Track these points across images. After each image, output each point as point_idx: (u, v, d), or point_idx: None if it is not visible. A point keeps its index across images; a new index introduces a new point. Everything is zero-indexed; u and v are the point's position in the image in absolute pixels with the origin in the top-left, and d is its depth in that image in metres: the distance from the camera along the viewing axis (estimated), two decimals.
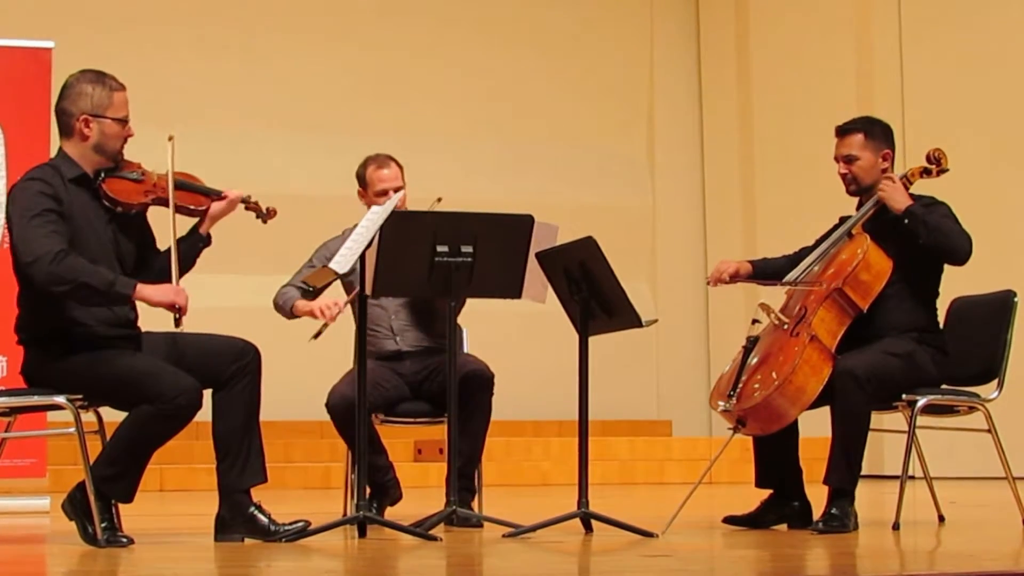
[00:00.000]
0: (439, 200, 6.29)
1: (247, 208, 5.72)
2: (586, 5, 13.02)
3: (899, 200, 6.05)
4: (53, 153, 5.61)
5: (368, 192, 6.59)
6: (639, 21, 13.17)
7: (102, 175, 5.46)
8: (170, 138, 5.51)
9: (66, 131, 5.47)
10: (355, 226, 6.53)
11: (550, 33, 12.83)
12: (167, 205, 5.50)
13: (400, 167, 6.63)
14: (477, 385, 6.35)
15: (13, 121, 7.63)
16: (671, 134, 13.22)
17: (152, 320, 5.62)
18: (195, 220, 5.65)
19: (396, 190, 6.49)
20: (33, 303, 5.39)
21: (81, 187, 5.43)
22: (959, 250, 5.99)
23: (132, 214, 5.52)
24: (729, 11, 12.99)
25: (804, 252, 6.31)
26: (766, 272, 6.38)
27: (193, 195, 5.60)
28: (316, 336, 6.25)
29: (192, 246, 5.62)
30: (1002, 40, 10.83)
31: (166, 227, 5.52)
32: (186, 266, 5.59)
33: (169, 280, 5.42)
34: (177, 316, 5.31)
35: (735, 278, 6.34)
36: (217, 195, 5.62)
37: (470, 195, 7.29)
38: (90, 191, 5.45)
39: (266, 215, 5.77)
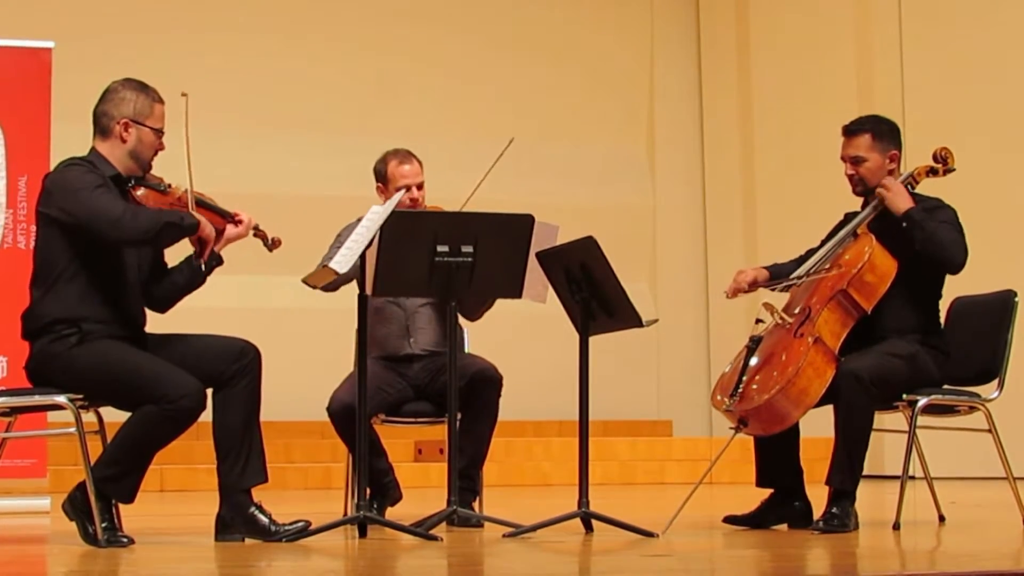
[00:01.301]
0: (511, 141, 6.30)
1: (255, 235, 5.80)
2: (586, 5, 13.02)
3: (900, 203, 6.02)
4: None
5: (389, 188, 6.55)
6: (639, 21, 13.17)
7: (131, 182, 5.54)
8: (183, 94, 5.59)
9: (103, 132, 5.55)
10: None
11: (550, 33, 12.82)
12: None
13: (420, 163, 6.60)
14: (485, 385, 6.33)
15: (13, 121, 7.63)
16: (671, 134, 13.21)
17: (154, 322, 5.64)
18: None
19: (419, 186, 6.50)
20: (50, 288, 5.40)
21: (115, 186, 5.49)
22: (951, 260, 5.97)
23: None
24: (729, 11, 12.98)
25: (810, 254, 6.29)
26: (779, 276, 6.34)
27: (211, 214, 5.68)
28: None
29: (206, 263, 5.66)
30: (1002, 40, 10.83)
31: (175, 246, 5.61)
32: (197, 283, 5.69)
33: (171, 304, 5.70)
34: (199, 249, 5.54)
35: (754, 286, 6.28)
36: (231, 218, 5.68)
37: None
38: (120, 193, 5.51)
39: (272, 244, 5.84)
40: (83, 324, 5.39)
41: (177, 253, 5.67)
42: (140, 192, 5.54)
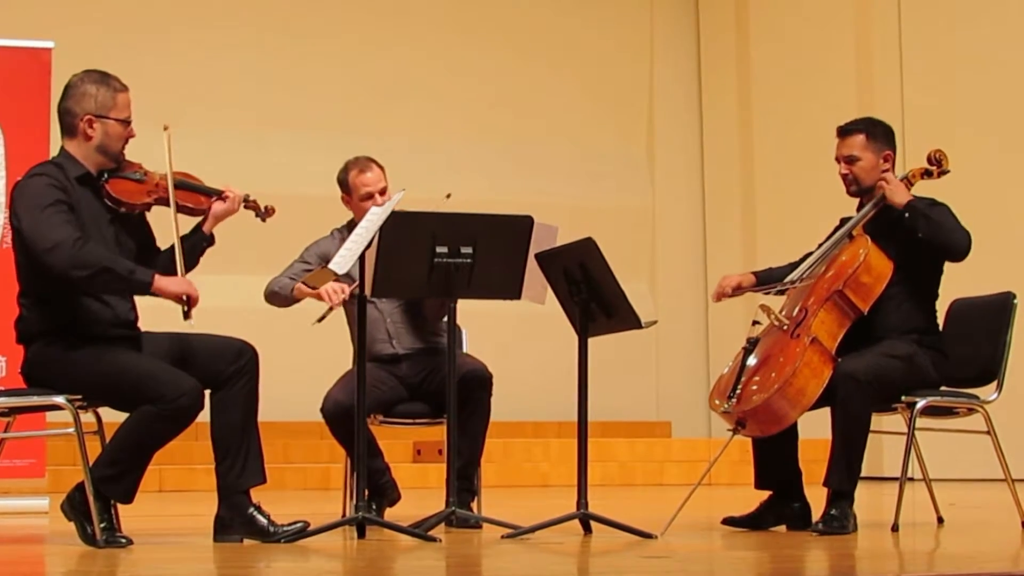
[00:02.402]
0: (448, 196, 6.26)
1: (246, 207, 5.73)
2: (587, 6, 13.02)
3: (900, 195, 6.05)
4: (53, 152, 5.62)
5: (353, 197, 6.56)
6: (639, 22, 13.17)
7: (105, 175, 5.48)
8: (165, 128, 5.55)
9: (69, 131, 5.48)
10: (344, 226, 6.56)
11: (550, 34, 12.82)
12: (169, 205, 5.51)
13: (382, 168, 6.60)
14: (475, 385, 6.34)
15: (13, 121, 7.64)
16: (671, 134, 13.22)
17: (151, 320, 5.63)
18: (197, 219, 5.66)
19: (381, 192, 6.49)
20: (36, 299, 5.38)
21: (85, 186, 5.45)
22: (958, 245, 5.99)
23: (134, 214, 5.53)
24: (729, 11, 12.98)
25: (806, 259, 6.29)
26: (769, 280, 6.35)
27: (194, 195, 5.62)
28: (320, 320, 6.27)
29: (195, 245, 5.64)
30: (1002, 40, 10.83)
31: (166, 226, 5.53)
32: (189, 265, 5.60)
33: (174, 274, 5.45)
34: (186, 309, 5.33)
35: (738, 291, 6.29)
36: (218, 195, 5.64)
37: (470, 196, 7.29)
38: (93, 190, 5.47)
39: (265, 213, 5.77)
40: (77, 328, 5.37)
41: (168, 239, 5.61)
42: (114, 185, 5.46)
